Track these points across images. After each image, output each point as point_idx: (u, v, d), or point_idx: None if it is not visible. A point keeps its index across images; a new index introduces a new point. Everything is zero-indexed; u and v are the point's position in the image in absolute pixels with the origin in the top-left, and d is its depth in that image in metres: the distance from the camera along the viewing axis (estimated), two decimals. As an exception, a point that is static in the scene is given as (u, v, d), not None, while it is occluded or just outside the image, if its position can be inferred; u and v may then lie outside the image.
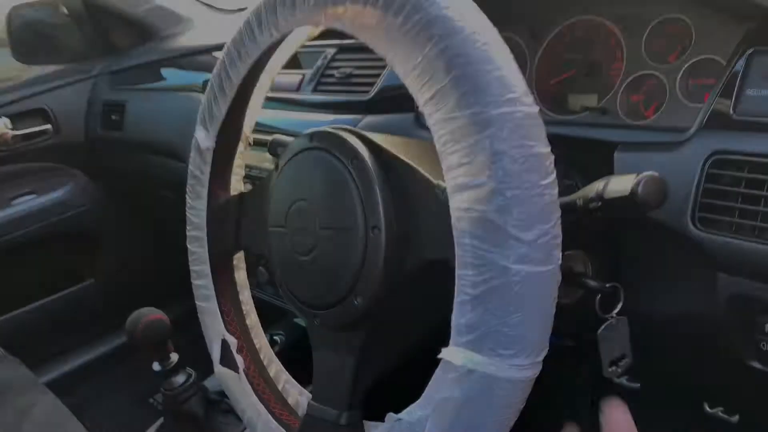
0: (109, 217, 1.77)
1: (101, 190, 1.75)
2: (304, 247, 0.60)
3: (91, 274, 1.80)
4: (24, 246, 1.62)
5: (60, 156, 1.69)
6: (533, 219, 0.43)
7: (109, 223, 1.78)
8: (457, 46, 0.45)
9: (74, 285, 1.77)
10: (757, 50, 0.62)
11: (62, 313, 1.74)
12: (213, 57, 1.47)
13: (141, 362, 1.89)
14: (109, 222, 1.78)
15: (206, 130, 0.72)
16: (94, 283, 1.79)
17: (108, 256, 1.81)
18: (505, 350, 0.44)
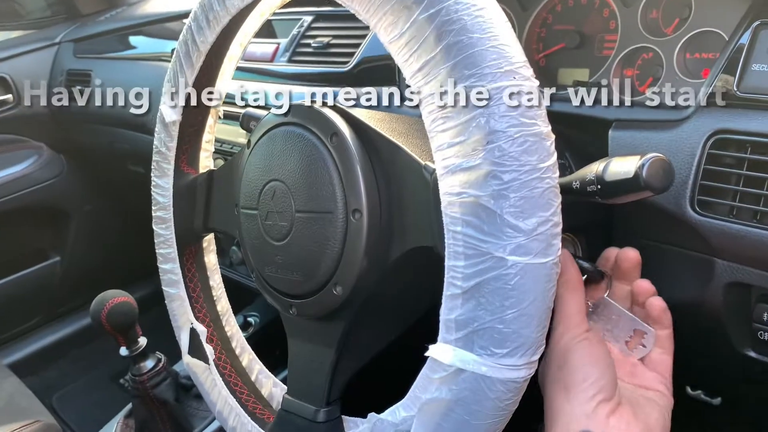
0: (75, 192, 1.71)
1: (67, 164, 1.68)
2: (279, 231, 0.55)
3: (57, 251, 1.73)
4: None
5: (22, 127, 1.62)
6: (532, 206, 0.39)
7: (75, 198, 1.71)
8: (449, 11, 0.41)
9: (39, 263, 1.70)
10: (764, 23, 0.58)
11: (26, 291, 1.68)
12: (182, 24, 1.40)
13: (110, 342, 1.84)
14: (76, 197, 1.71)
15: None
16: (59, 260, 1.73)
17: (75, 233, 1.74)
18: (499, 349, 0.40)
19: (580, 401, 0.49)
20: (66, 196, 1.70)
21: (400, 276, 0.53)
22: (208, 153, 0.71)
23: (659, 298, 0.58)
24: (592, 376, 0.50)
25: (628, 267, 0.58)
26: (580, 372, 0.50)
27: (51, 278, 1.72)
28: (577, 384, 0.50)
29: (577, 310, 0.53)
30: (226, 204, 0.65)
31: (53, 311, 1.75)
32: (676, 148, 0.61)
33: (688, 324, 0.66)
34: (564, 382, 0.50)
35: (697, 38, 0.69)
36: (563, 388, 0.50)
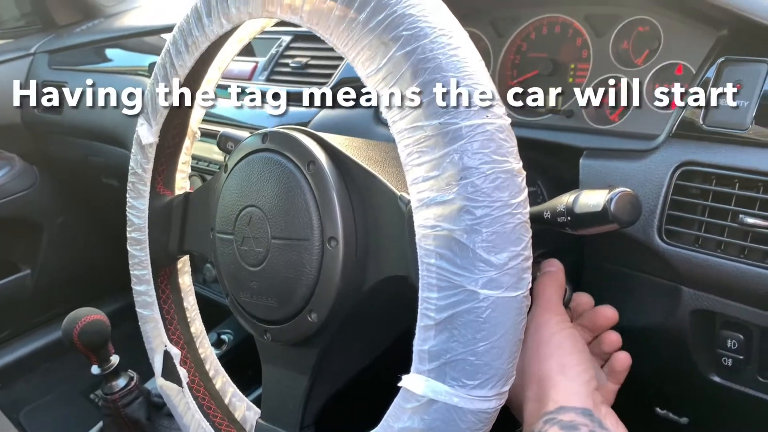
0: (48, 204, 1.68)
1: (40, 176, 1.65)
2: (255, 257, 0.55)
3: (28, 263, 1.70)
4: (-46, 233, 1.53)
5: (-6, 138, 1.59)
6: (503, 241, 0.40)
7: (48, 210, 1.69)
8: (425, 50, 0.42)
9: (9, 275, 1.67)
10: (728, 59, 0.60)
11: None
12: (161, 38, 1.40)
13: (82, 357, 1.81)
14: (49, 209, 1.69)
15: (149, 124, 0.66)
16: (30, 273, 1.70)
17: (46, 245, 1.71)
18: (470, 380, 0.41)
19: (579, 382, 0.51)
20: (38, 208, 1.67)
21: (375, 303, 0.53)
22: (184, 174, 0.72)
23: (626, 354, 0.60)
24: (585, 362, 0.53)
25: (603, 324, 0.60)
26: (575, 355, 0.53)
27: (22, 291, 1.69)
28: (573, 365, 0.52)
29: (558, 298, 0.57)
30: (202, 227, 0.65)
31: (23, 324, 1.72)
32: (644, 177, 0.62)
33: (655, 349, 0.68)
34: (560, 361, 0.52)
35: (666, 70, 0.71)
36: (560, 366, 0.52)
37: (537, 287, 0.59)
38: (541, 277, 0.60)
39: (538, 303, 0.57)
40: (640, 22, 0.73)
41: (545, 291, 0.58)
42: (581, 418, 0.48)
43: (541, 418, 0.49)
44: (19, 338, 1.72)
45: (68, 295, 1.76)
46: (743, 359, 0.61)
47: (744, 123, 0.58)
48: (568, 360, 0.53)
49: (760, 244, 0.56)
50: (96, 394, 1.79)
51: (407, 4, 0.43)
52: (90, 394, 1.73)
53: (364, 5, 0.45)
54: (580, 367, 0.52)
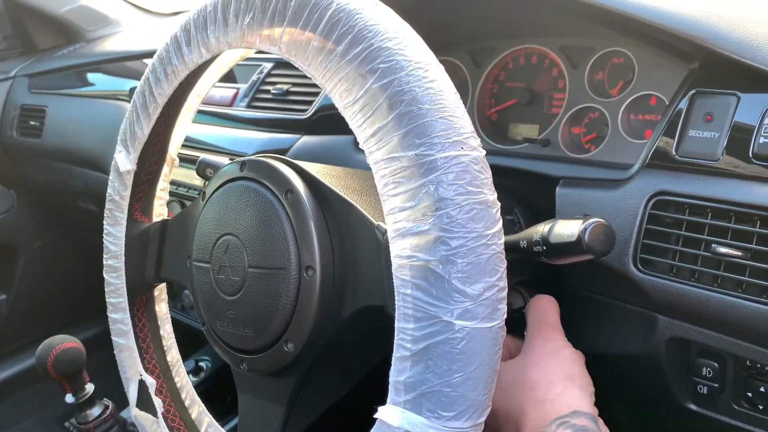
0: (25, 228, 1.66)
1: (18, 199, 1.64)
2: (231, 286, 0.55)
3: (3, 288, 1.67)
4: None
5: (-29, 162, 1.58)
6: (479, 272, 0.41)
7: (24, 234, 1.67)
8: (401, 82, 0.42)
9: (-17, 300, 1.65)
10: (700, 91, 0.62)
11: (-32, 330, 1.62)
12: (143, 63, 1.40)
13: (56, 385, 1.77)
14: (25, 233, 1.67)
15: (127, 151, 0.66)
16: (5, 298, 1.67)
17: (22, 270, 1.69)
18: (446, 412, 0.41)
19: (588, 391, 0.55)
20: (15, 232, 1.65)
21: (352, 333, 0.53)
22: (162, 201, 0.71)
23: None
24: (588, 376, 0.57)
25: None
26: (581, 369, 0.57)
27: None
28: (581, 376, 0.56)
29: (558, 319, 0.61)
30: (179, 255, 0.64)
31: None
32: (619, 207, 0.63)
33: (633, 376, 0.68)
34: (569, 371, 0.56)
35: (641, 100, 0.72)
36: (570, 375, 0.55)
37: (535, 310, 0.62)
38: (538, 300, 0.62)
39: (543, 321, 0.60)
40: (614, 54, 0.74)
41: (548, 313, 0.61)
42: (592, 425, 0.51)
43: (555, 421, 0.51)
44: (-7, 364, 1.69)
45: (44, 321, 1.73)
46: (718, 387, 0.62)
47: (715, 154, 0.59)
48: (576, 371, 0.56)
49: (732, 273, 0.57)
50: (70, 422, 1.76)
51: (384, 38, 0.44)
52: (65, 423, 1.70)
53: (342, 38, 0.45)
54: (586, 380, 0.57)
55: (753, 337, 0.57)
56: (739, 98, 0.59)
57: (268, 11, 0.50)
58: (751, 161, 0.57)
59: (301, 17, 0.48)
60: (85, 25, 1.66)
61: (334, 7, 0.46)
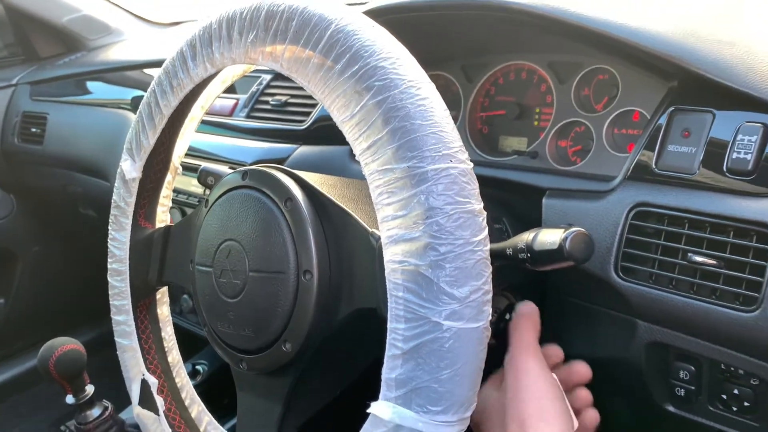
0: (24, 233, 1.69)
1: (17, 204, 1.66)
2: (233, 289, 0.58)
3: (2, 293, 1.70)
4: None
5: (-28, 167, 1.60)
6: (465, 276, 0.44)
7: (24, 239, 1.69)
8: (395, 99, 0.46)
9: (-18, 304, 1.67)
10: (678, 108, 0.65)
11: (-33, 334, 1.64)
12: (143, 73, 1.43)
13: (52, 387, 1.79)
14: (24, 238, 1.69)
15: (132, 160, 0.69)
16: (4, 302, 1.69)
17: (21, 274, 1.71)
18: (434, 406, 0.44)
19: (552, 422, 0.56)
20: (14, 237, 1.67)
21: (346, 334, 0.56)
22: (165, 208, 0.74)
23: (595, 412, 0.66)
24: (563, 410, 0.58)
25: (577, 381, 0.66)
26: (555, 402, 0.58)
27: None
28: (553, 412, 0.57)
29: (536, 341, 0.62)
30: (181, 259, 0.67)
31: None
32: (602, 217, 0.66)
33: (613, 379, 0.71)
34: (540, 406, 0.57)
35: (624, 116, 0.76)
36: (540, 412, 0.56)
37: (514, 330, 0.63)
38: (517, 319, 0.64)
39: (517, 346, 0.61)
40: (600, 71, 0.78)
41: (523, 334, 0.62)
42: None
43: None
44: (-10, 369, 1.71)
45: (41, 325, 1.75)
46: (695, 390, 0.65)
47: (692, 168, 0.63)
48: (548, 406, 0.57)
49: (707, 281, 0.60)
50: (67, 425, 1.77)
51: (380, 57, 0.47)
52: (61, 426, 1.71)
53: (340, 56, 0.48)
54: (560, 416, 0.57)
55: (727, 341, 0.60)
56: (715, 115, 0.63)
57: (271, 29, 0.53)
58: (725, 175, 0.60)
59: (302, 36, 0.51)
60: (86, 34, 1.69)
61: (333, 27, 0.49)
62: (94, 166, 1.35)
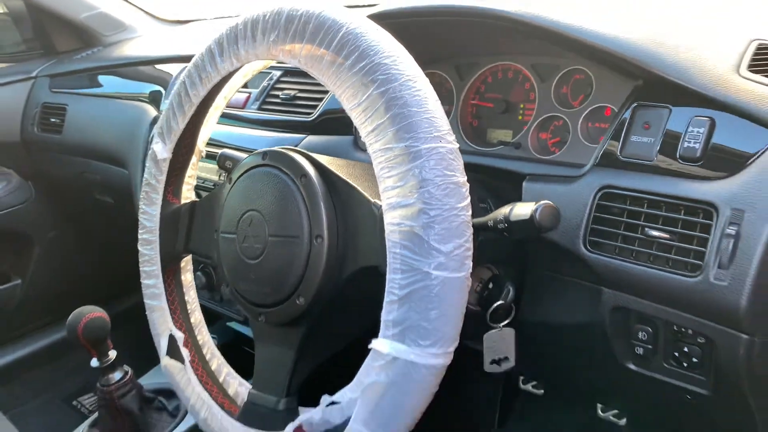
0: (41, 219, 1.78)
1: (35, 191, 1.75)
2: (254, 252, 0.68)
3: (19, 274, 1.78)
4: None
5: (-7, 155, 1.69)
6: (451, 234, 0.53)
7: (40, 224, 1.78)
8: (395, 90, 0.55)
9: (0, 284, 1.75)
10: (640, 104, 0.75)
11: (-16, 312, 1.72)
12: (155, 68, 1.52)
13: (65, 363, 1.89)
14: (41, 223, 1.78)
15: (163, 142, 0.79)
16: (20, 283, 1.78)
17: (37, 258, 1.80)
18: (424, 341, 0.54)
19: None
20: (31, 222, 1.76)
21: (352, 292, 0.66)
22: (190, 186, 0.84)
23: None
24: None
25: None
26: None
27: (11, 301, 1.77)
28: None
29: None
30: (206, 230, 0.77)
31: (10, 333, 1.79)
32: (573, 198, 0.76)
33: (582, 342, 0.81)
34: None
35: (597, 111, 0.86)
36: None
37: None
38: None
39: None
40: (576, 72, 0.88)
41: None
42: None
43: None
44: (5, 346, 1.80)
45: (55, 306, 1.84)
46: (652, 349, 0.75)
47: (651, 155, 0.72)
48: None
49: (662, 252, 0.70)
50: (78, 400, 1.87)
51: (383, 55, 0.57)
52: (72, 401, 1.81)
53: (349, 54, 0.58)
54: None
55: (678, 304, 0.70)
56: (671, 110, 0.73)
57: (290, 31, 0.63)
58: (678, 161, 0.70)
59: (317, 37, 0.61)
60: (102, 30, 1.79)
61: (344, 29, 0.59)
62: (113, 154, 1.44)
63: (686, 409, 0.77)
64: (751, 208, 0.64)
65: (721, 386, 0.71)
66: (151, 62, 1.55)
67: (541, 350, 0.87)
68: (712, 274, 0.65)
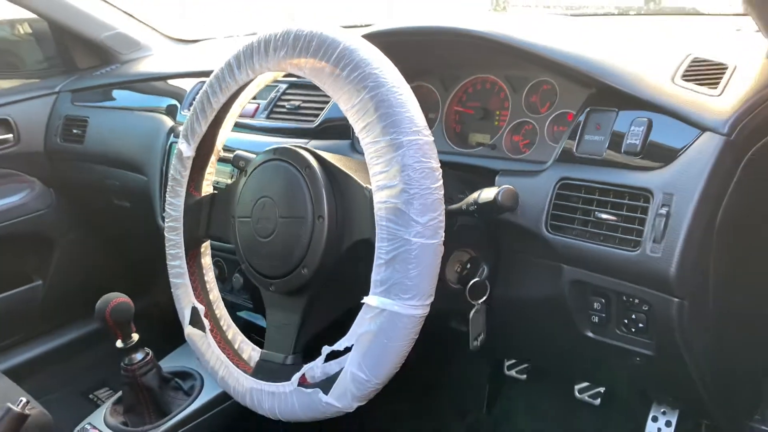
0: (61, 223, 1.90)
1: (56, 197, 1.88)
2: (266, 231, 0.81)
3: (40, 275, 1.91)
4: (-22, 245, 1.74)
5: (19, 164, 1.82)
6: (426, 209, 0.67)
7: (61, 228, 1.90)
8: (383, 95, 0.69)
9: (23, 285, 1.88)
10: (593, 109, 0.88)
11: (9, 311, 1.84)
12: (169, 84, 1.66)
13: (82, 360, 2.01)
14: (61, 227, 1.90)
15: (188, 143, 0.92)
16: (42, 284, 1.91)
17: (57, 260, 1.92)
18: (405, 295, 0.67)
19: None
20: (52, 227, 1.89)
21: (348, 265, 0.79)
22: (209, 182, 0.97)
23: None
24: None
25: None
26: None
27: (33, 300, 1.89)
28: None
29: None
30: (224, 216, 0.90)
31: (32, 331, 1.91)
32: (538, 189, 0.89)
33: (546, 314, 0.94)
34: None
35: (561, 116, 0.99)
36: None
37: None
38: None
39: None
40: (543, 83, 1.01)
41: None
42: None
43: None
44: (27, 343, 1.92)
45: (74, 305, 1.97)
46: (605, 317, 0.87)
47: (601, 151, 0.86)
48: None
49: (611, 232, 0.83)
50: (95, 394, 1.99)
51: (373, 66, 0.70)
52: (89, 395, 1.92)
53: (345, 66, 0.72)
54: None
55: (625, 275, 0.83)
56: (618, 113, 0.86)
57: (297, 47, 0.77)
58: (623, 155, 0.84)
59: (319, 52, 0.74)
60: (120, 49, 1.93)
61: (342, 46, 0.73)
62: (132, 161, 1.58)
63: (636, 370, 0.90)
64: (678, 192, 0.77)
65: (663, 347, 0.84)
66: (165, 78, 1.69)
67: (512, 324, 0.99)
68: (648, 247, 0.78)
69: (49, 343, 1.94)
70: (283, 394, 0.77)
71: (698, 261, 0.78)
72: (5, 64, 1.98)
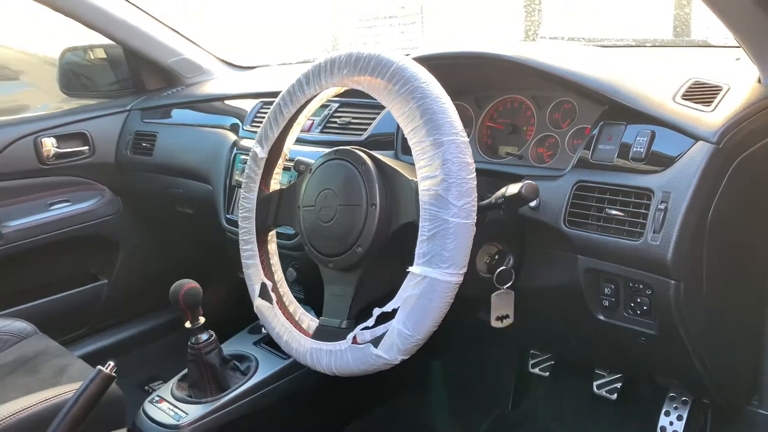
0: (127, 228, 2.10)
1: (123, 205, 2.08)
2: (327, 217, 0.97)
3: (105, 275, 2.10)
4: (54, 245, 1.93)
5: (92, 173, 2.03)
6: (462, 194, 0.82)
7: (126, 233, 2.10)
8: (428, 104, 0.85)
9: (90, 283, 2.07)
10: (606, 123, 1.04)
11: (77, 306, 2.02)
12: (230, 105, 1.86)
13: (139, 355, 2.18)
14: (127, 232, 2.10)
15: (261, 146, 1.10)
16: (106, 283, 2.10)
17: (121, 262, 2.11)
18: (443, 264, 0.82)
19: None
20: (118, 231, 2.08)
21: (396, 245, 0.94)
22: (276, 180, 1.15)
23: None
24: None
25: None
26: None
27: (98, 297, 2.08)
28: None
29: None
30: (290, 207, 1.07)
31: (96, 326, 2.10)
32: (558, 190, 1.04)
33: (564, 299, 1.08)
34: None
35: (580, 131, 1.14)
36: None
37: None
38: None
39: None
40: (565, 102, 1.17)
41: None
42: None
43: None
44: (92, 336, 2.10)
45: (135, 304, 2.16)
46: (615, 301, 1.01)
47: (611, 158, 1.01)
48: None
49: (619, 225, 0.97)
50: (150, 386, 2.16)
51: (421, 81, 0.87)
52: (145, 387, 2.09)
53: (397, 82, 0.88)
54: None
55: (630, 262, 0.97)
56: (626, 127, 1.01)
57: (358, 67, 0.94)
58: (630, 161, 0.98)
59: (377, 71, 0.91)
60: (185, 72, 2.14)
61: (395, 66, 0.89)
62: (197, 172, 1.76)
63: (643, 350, 1.03)
64: (674, 190, 0.91)
65: (663, 326, 0.97)
66: (226, 98, 1.89)
67: (535, 310, 1.13)
68: (649, 237, 0.93)
69: (111, 337, 2.13)
70: (339, 351, 0.93)
71: (692, 248, 0.92)
72: (83, 85, 2.21)
